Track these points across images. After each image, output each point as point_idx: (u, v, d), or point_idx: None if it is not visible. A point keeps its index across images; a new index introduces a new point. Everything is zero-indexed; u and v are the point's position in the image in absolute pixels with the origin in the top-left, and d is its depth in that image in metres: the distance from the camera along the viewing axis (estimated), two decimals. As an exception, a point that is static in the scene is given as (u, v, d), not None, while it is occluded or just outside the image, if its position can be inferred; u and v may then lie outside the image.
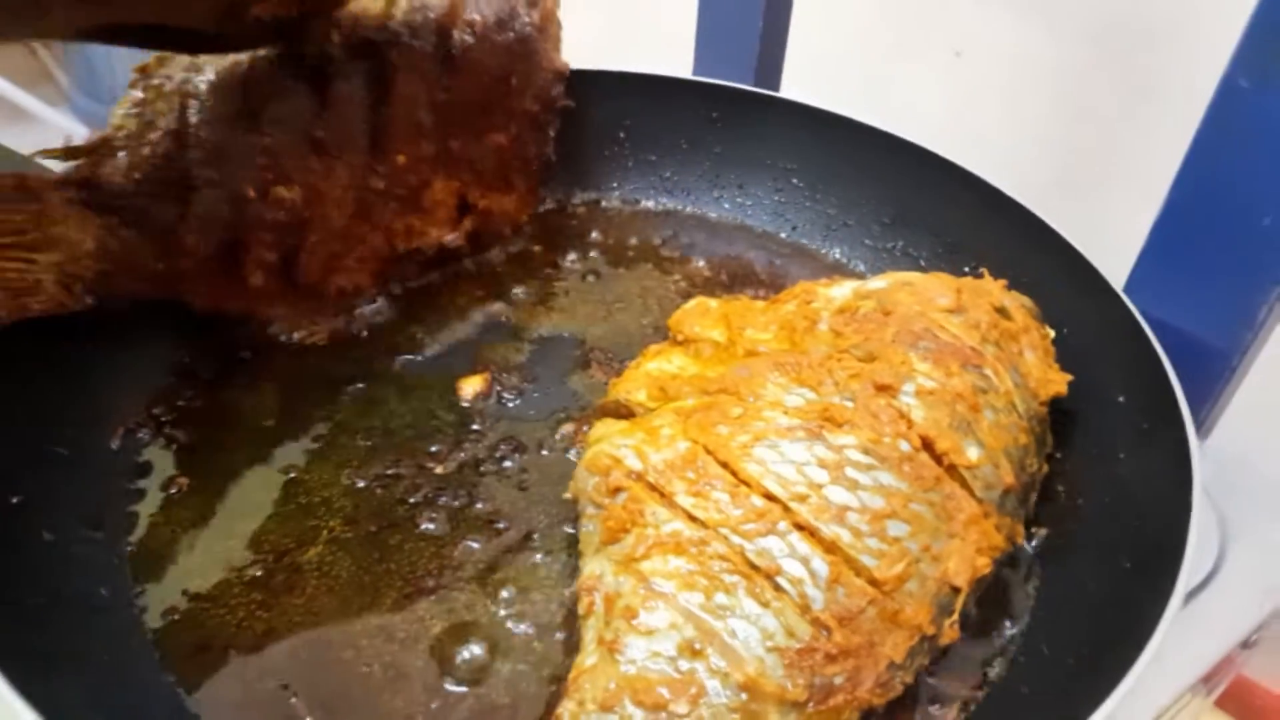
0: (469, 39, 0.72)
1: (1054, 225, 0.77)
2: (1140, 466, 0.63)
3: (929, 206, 0.87)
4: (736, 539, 0.55)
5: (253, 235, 0.67)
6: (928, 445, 0.59)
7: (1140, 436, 0.65)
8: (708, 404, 0.63)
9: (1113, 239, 0.76)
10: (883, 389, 0.61)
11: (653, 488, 0.58)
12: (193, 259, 0.65)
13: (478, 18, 0.73)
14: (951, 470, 0.59)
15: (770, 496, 0.56)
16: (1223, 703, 0.95)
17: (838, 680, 0.52)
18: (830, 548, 0.55)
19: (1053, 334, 0.71)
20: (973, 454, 0.60)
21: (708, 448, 0.59)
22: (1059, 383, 0.67)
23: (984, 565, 0.57)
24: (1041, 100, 1.20)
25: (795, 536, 0.55)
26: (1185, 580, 0.52)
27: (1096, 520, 0.64)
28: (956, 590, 0.56)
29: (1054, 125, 1.21)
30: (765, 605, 0.53)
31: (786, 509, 0.56)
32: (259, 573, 0.61)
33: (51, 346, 0.65)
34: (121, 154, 0.62)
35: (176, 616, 0.59)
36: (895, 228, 0.89)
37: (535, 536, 0.65)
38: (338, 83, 0.68)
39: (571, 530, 0.65)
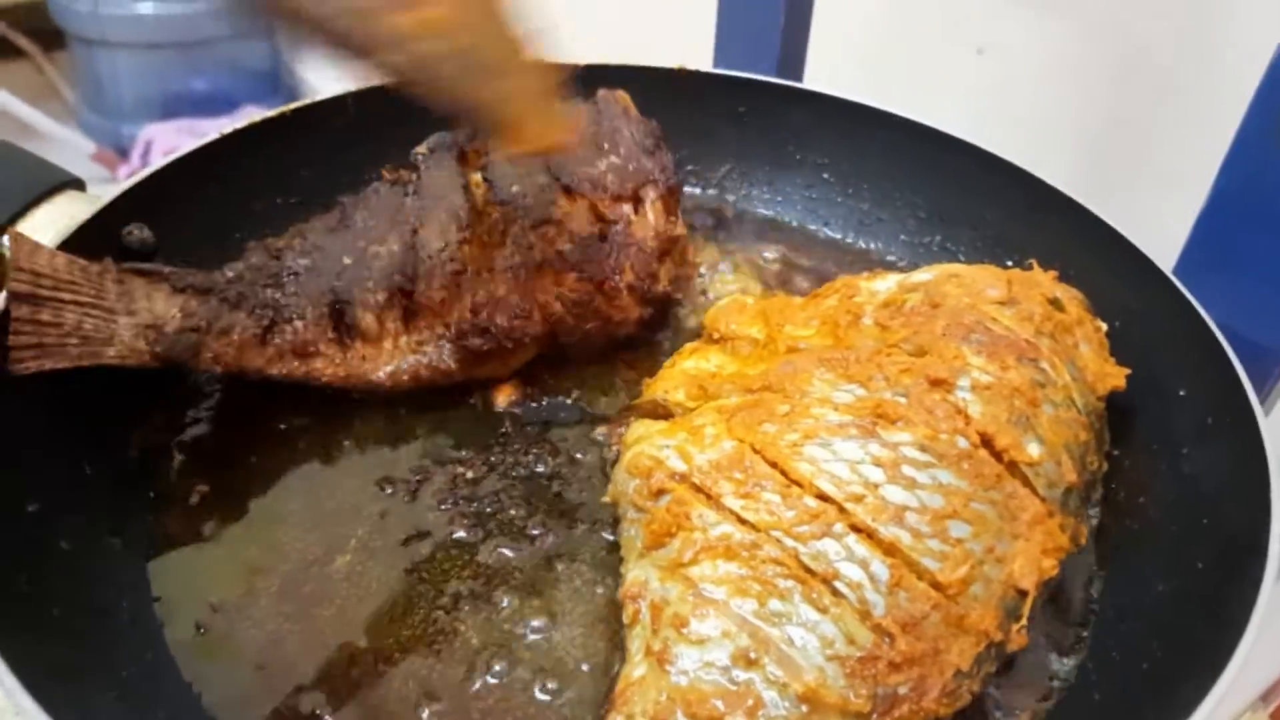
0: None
1: (1102, 215, 0.74)
2: (1207, 462, 0.61)
3: (967, 199, 0.84)
4: (790, 542, 0.52)
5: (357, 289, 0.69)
6: (986, 442, 0.57)
7: (1205, 431, 0.62)
8: (752, 402, 0.60)
9: (1146, 242, 0.73)
10: (937, 384, 0.58)
11: (698, 489, 0.56)
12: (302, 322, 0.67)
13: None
14: (1012, 468, 0.56)
15: (824, 497, 0.53)
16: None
17: (902, 690, 0.49)
18: (890, 550, 0.52)
19: (1106, 327, 0.68)
20: (1034, 450, 0.57)
21: (755, 446, 0.56)
22: (1117, 376, 0.64)
23: (1050, 567, 0.54)
24: (1064, 98, 1.17)
25: (852, 539, 0.52)
26: (1271, 580, 0.49)
27: (1162, 519, 0.61)
28: (1023, 593, 0.53)
29: (1077, 124, 1.18)
30: (823, 611, 0.50)
31: (842, 510, 0.53)
32: (286, 583, 0.59)
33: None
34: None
35: (202, 629, 0.56)
36: (932, 222, 0.87)
37: (572, 542, 0.62)
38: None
39: (611, 536, 0.62)
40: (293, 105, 0.82)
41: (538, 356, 0.73)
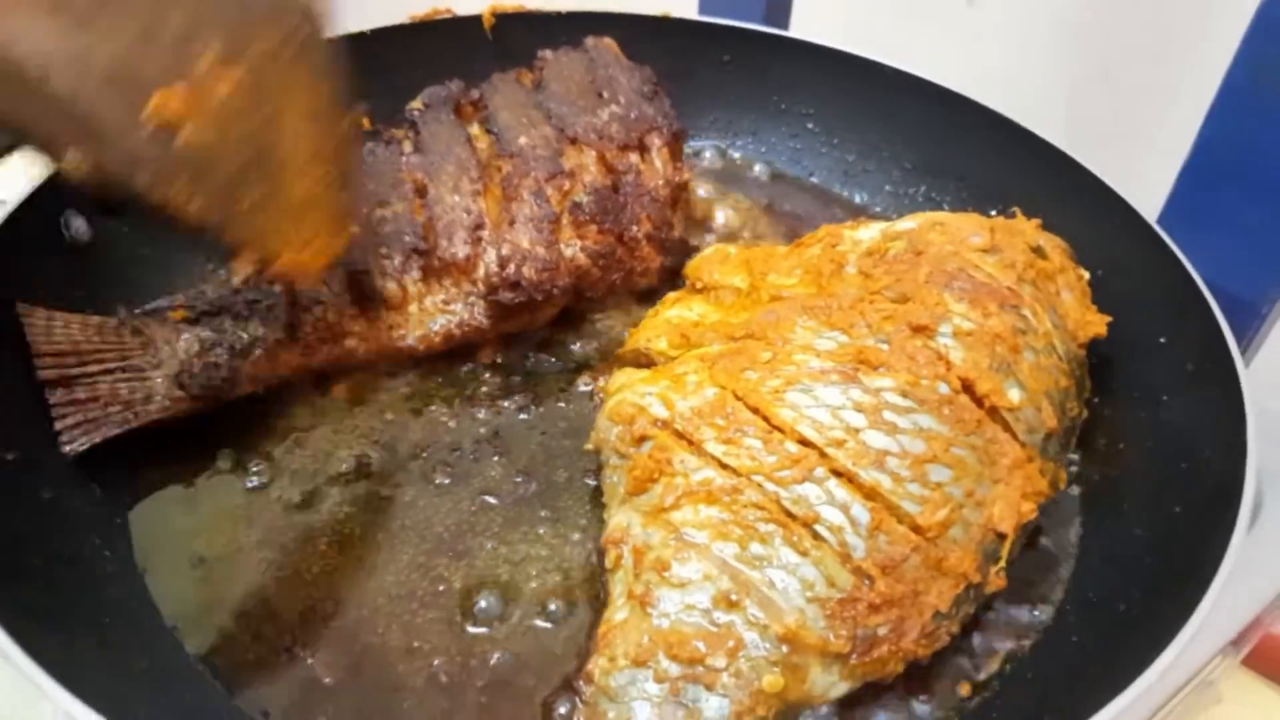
0: None
1: (1088, 165, 0.73)
2: (1186, 409, 0.61)
3: (953, 150, 0.84)
4: (771, 486, 0.52)
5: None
6: (968, 387, 0.57)
7: (1184, 378, 0.62)
8: (734, 349, 0.60)
9: (1131, 196, 0.72)
10: (919, 330, 0.58)
11: (680, 435, 0.56)
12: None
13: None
14: (993, 413, 0.57)
15: (805, 442, 0.53)
16: (1252, 662, 0.92)
17: (881, 631, 0.50)
18: (870, 494, 0.52)
19: (1088, 275, 0.68)
20: (1014, 396, 0.57)
21: (737, 393, 0.56)
22: (1098, 324, 0.64)
23: (1029, 511, 0.55)
24: (1055, 51, 1.15)
25: (833, 483, 0.52)
26: (1245, 523, 0.50)
27: (1140, 465, 0.61)
28: (1002, 537, 0.54)
29: (1067, 78, 1.17)
30: (804, 554, 0.50)
31: (823, 455, 0.53)
32: (268, 531, 0.59)
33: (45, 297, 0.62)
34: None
35: (183, 576, 0.56)
36: (918, 173, 0.86)
37: (555, 489, 0.62)
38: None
39: (593, 482, 0.62)
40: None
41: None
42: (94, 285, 0.66)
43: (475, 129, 0.75)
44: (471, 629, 0.55)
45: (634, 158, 0.75)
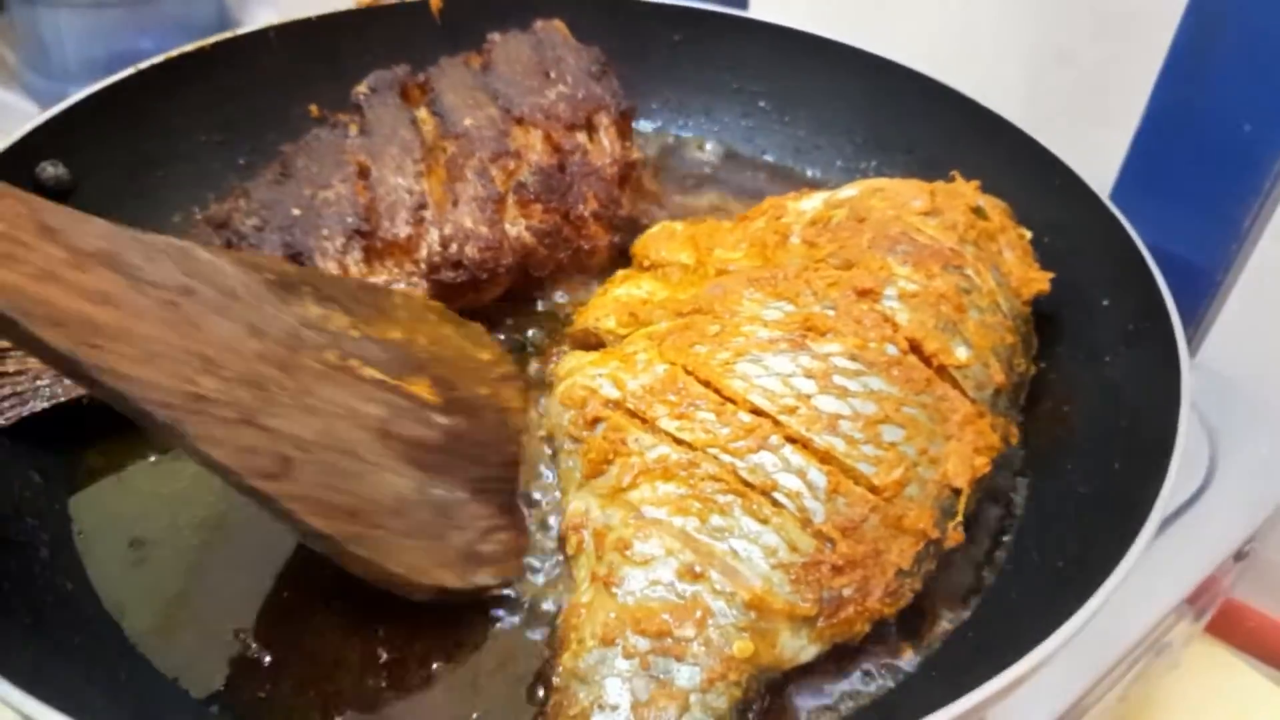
0: None
1: (1031, 133, 0.74)
2: (1128, 368, 0.62)
3: (902, 124, 0.84)
4: (727, 458, 0.52)
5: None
6: (915, 348, 0.57)
7: (1126, 338, 0.63)
8: (683, 325, 0.60)
9: (1089, 172, 0.73)
10: (864, 294, 0.59)
11: (633, 414, 0.55)
12: None
13: None
14: (942, 371, 0.57)
15: (758, 411, 0.53)
16: (1215, 629, 0.93)
17: (846, 592, 0.50)
18: (825, 458, 0.52)
19: (1029, 234, 0.69)
20: (962, 354, 0.58)
21: (687, 368, 0.56)
22: (1041, 280, 0.65)
23: (983, 465, 0.55)
24: (1012, 28, 1.16)
25: (788, 450, 0.52)
26: (1176, 471, 0.50)
27: (1085, 425, 0.62)
28: (957, 492, 0.54)
29: (1024, 55, 1.18)
30: (764, 522, 0.50)
31: (776, 422, 0.53)
32: (210, 514, 0.57)
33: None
34: None
35: (123, 560, 0.55)
36: (868, 147, 0.87)
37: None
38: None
39: (545, 469, 0.61)
40: (212, 39, 0.78)
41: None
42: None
43: (422, 112, 0.75)
44: (425, 615, 0.53)
45: (581, 137, 0.75)
